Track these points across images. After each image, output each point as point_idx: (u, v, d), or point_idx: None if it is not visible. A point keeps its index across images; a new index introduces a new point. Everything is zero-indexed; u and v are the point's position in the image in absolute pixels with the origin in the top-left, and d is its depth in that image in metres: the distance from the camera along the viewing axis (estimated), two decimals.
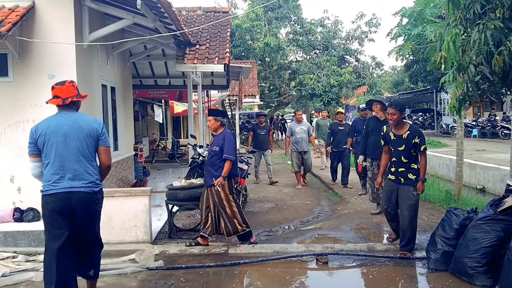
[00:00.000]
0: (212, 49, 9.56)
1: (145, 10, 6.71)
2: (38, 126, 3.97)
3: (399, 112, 5.26)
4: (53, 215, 3.81)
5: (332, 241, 6.02)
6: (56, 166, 3.84)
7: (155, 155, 16.08)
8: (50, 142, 3.86)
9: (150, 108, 19.31)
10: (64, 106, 4.01)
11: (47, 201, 3.83)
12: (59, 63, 6.97)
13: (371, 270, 4.90)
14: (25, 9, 6.78)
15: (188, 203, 6.26)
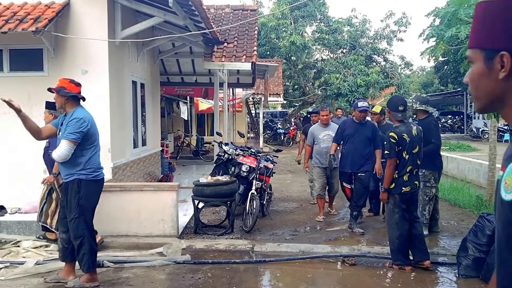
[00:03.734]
0: (239, 47, 9.69)
1: (176, 8, 6.89)
2: (87, 118, 4.42)
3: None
4: (96, 198, 4.55)
5: (358, 243, 6.05)
6: (99, 156, 4.58)
7: (180, 151, 16.33)
8: (96, 133, 4.51)
9: (175, 105, 19.60)
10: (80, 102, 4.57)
11: (97, 185, 4.54)
12: (92, 59, 7.21)
13: (399, 274, 4.92)
14: (61, 5, 7.05)
15: (214, 199, 6.40)
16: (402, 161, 4.95)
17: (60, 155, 4.29)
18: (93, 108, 7.15)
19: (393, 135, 4.92)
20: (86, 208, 4.42)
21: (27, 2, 7.19)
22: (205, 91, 16.75)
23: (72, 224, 4.41)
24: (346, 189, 6.85)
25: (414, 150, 4.98)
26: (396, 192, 4.95)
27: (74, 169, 4.37)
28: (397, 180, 4.94)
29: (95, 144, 4.50)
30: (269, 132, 25.72)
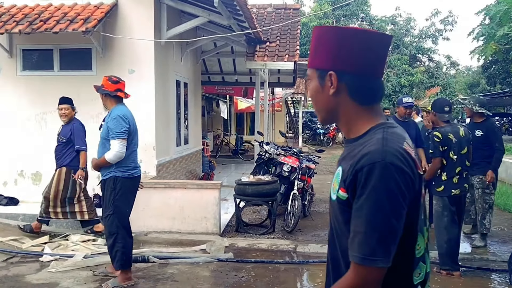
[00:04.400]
0: (282, 46, 9.70)
1: (221, 8, 6.97)
2: (126, 115, 4.50)
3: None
4: (132, 195, 4.58)
5: None
6: (136, 154, 4.63)
7: (219, 150, 16.52)
8: (136, 132, 4.57)
9: (215, 104, 19.85)
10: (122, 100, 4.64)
11: (133, 182, 4.56)
12: (139, 59, 7.42)
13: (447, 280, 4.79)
14: (109, 6, 7.28)
15: (256, 198, 6.45)
16: (450, 162, 4.81)
17: (117, 154, 4.37)
18: (139, 106, 7.37)
19: (437, 134, 4.83)
20: (121, 206, 4.46)
21: (77, 3, 7.46)
22: (245, 90, 16.86)
23: (107, 221, 4.49)
24: None
25: (462, 151, 4.84)
26: (445, 194, 4.82)
27: (111, 167, 4.42)
28: (447, 182, 4.80)
29: (132, 142, 4.54)
30: (308, 132, 25.56)
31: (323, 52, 1.35)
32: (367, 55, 1.32)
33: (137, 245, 5.71)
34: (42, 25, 6.78)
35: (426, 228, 1.36)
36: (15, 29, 6.79)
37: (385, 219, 1.19)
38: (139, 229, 6.32)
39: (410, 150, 1.28)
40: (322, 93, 1.37)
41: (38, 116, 7.58)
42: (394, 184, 1.20)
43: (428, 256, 1.37)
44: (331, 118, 1.43)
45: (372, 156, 1.23)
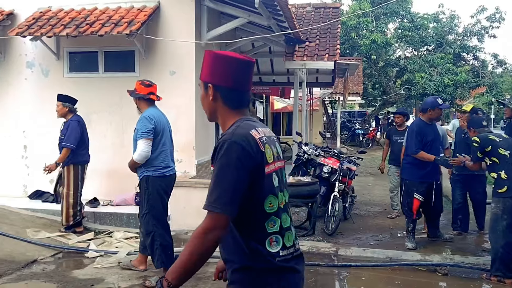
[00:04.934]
0: (322, 46, 9.67)
1: (262, 8, 7.03)
2: (153, 115, 4.66)
3: None
4: (165, 194, 4.71)
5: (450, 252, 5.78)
6: (168, 153, 4.75)
7: None
8: (164, 132, 4.69)
9: (251, 104, 19.95)
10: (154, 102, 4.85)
11: (165, 181, 4.68)
12: (180, 60, 7.59)
13: None
14: (152, 9, 7.49)
15: (295, 200, 6.45)
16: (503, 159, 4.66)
17: (141, 154, 4.53)
18: (180, 107, 7.57)
19: (476, 139, 4.84)
20: (155, 205, 4.59)
21: (121, 6, 7.71)
22: (282, 90, 16.87)
23: (143, 220, 4.65)
24: (416, 202, 5.84)
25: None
26: (509, 195, 4.62)
27: (144, 166, 4.59)
28: (510, 182, 4.61)
29: (161, 142, 4.64)
30: (346, 132, 25.31)
31: (206, 69, 1.87)
32: (234, 74, 1.83)
33: (177, 243, 5.85)
34: (88, 28, 7.04)
35: (283, 193, 1.85)
36: (62, 32, 7.10)
37: (226, 179, 1.66)
38: (180, 228, 6.48)
39: (256, 135, 1.77)
40: (206, 99, 1.89)
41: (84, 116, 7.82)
42: (235, 155, 1.67)
43: (287, 214, 1.84)
44: (214, 117, 1.93)
45: (224, 137, 1.75)
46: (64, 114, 6.29)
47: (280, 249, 1.75)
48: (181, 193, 6.59)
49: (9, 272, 4.88)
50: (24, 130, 8.07)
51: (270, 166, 1.78)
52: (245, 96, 1.90)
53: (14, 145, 8.01)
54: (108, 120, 7.82)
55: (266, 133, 1.85)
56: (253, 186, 1.70)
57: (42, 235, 6.10)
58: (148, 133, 4.52)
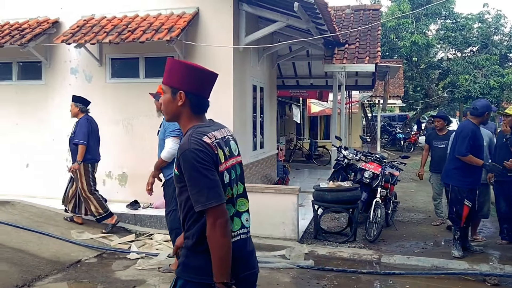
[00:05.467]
0: (362, 48, 9.57)
1: (301, 12, 7.03)
2: None
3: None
4: None
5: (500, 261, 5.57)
6: None
7: (292, 155, 16.57)
8: None
9: (287, 107, 19.92)
10: None
11: None
12: (218, 65, 7.65)
13: None
14: (191, 15, 7.62)
15: (335, 205, 6.41)
16: None
17: (170, 151, 4.69)
18: (218, 111, 7.60)
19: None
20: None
21: (161, 13, 7.89)
22: (320, 93, 16.79)
23: (169, 217, 4.80)
24: (465, 209, 5.61)
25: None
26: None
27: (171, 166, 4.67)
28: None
29: None
30: (386, 136, 24.86)
31: (175, 77, 2.11)
32: (200, 83, 2.11)
33: None
34: (130, 35, 7.25)
35: (231, 187, 2.08)
36: (105, 40, 7.33)
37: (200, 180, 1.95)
38: None
39: (207, 140, 2.03)
40: (173, 103, 2.12)
41: (125, 120, 8.09)
42: (195, 160, 1.96)
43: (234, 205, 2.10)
44: (174, 120, 2.18)
45: (182, 147, 2.01)
46: (75, 113, 6.55)
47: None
48: None
49: (55, 272, 5.06)
50: (68, 134, 8.36)
51: (222, 165, 2.05)
52: (206, 103, 2.19)
53: (59, 148, 8.30)
54: (148, 124, 7.99)
55: (218, 136, 2.09)
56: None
57: (85, 236, 6.30)
58: (177, 131, 4.68)
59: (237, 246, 2.05)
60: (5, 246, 5.45)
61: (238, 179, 2.16)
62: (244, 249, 2.11)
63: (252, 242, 2.22)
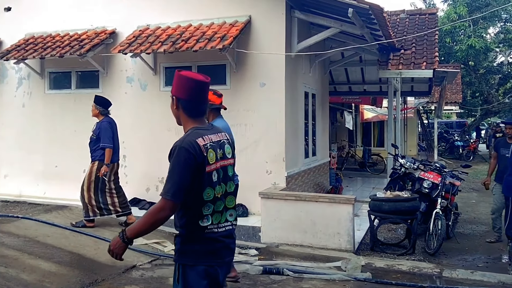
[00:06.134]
0: (418, 53, 9.30)
1: (355, 17, 6.91)
2: (225, 127, 4.70)
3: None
4: None
5: None
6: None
7: (345, 162, 16.30)
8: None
9: (339, 114, 19.65)
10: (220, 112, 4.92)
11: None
12: (270, 72, 7.70)
13: None
14: (243, 23, 7.69)
15: (393, 216, 6.22)
16: None
17: None
18: (269, 118, 7.66)
19: None
20: None
21: (213, 22, 8.01)
22: (373, 99, 16.46)
23: None
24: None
25: None
26: None
27: None
28: None
29: None
30: (443, 144, 23.94)
31: (173, 85, 2.49)
32: (191, 90, 2.42)
33: (269, 256, 5.89)
34: (184, 45, 7.41)
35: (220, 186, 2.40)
36: (160, 49, 7.53)
37: (175, 175, 2.28)
38: (271, 240, 6.51)
39: (201, 142, 2.34)
40: (172, 107, 2.50)
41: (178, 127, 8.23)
42: (182, 157, 2.28)
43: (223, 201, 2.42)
44: (179, 122, 2.52)
45: (176, 143, 2.35)
46: (95, 114, 6.72)
47: (209, 224, 2.36)
48: (271, 205, 6.64)
49: (111, 277, 5.19)
50: (124, 141, 8.63)
51: (211, 166, 2.35)
52: (200, 107, 2.48)
53: None
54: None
55: (213, 139, 2.42)
56: (195, 180, 2.31)
57: (140, 242, 6.43)
58: None
59: (224, 234, 2.42)
60: (64, 250, 5.67)
61: (229, 179, 2.48)
62: (229, 238, 2.47)
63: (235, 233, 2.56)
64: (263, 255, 5.93)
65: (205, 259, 2.35)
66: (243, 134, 7.84)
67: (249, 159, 7.77)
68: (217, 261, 2.38)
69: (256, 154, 7.76)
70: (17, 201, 8.31)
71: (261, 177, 7.62)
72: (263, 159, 7.69)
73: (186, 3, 8.28)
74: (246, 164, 7.76)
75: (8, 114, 9.61)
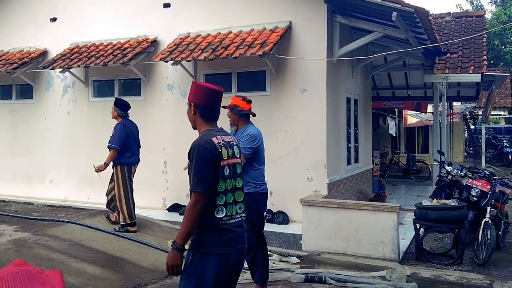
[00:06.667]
0: (465, 57, 9.10)
1: (399, 21, 6.85)
2: (258, 134, 4.80)
3: None
4: (264, 210, 4.90)
5: None
6: (264, 170, 4.88)
7: (388, 169, 16.04)
8: (263, 151, 4.89)
9: (381, 120, 19.37)
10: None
11: (264, 197, 4.85)
12: (311, 78, 7.74)
13: None
14: (283, 29, 7.76)
15: (440, 225, 6.11)
16: None
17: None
18: (311, 124, 7.68)
19: None
20: (256, 221, 4.71)
21: (253, 28, 8.12)
22: (417, 104, 16.16)
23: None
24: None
25: None
26: None
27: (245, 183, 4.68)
28: None
29: (262, 160, 4.84)
30: (491, 150, 23.15)
31: (190, 93, 2.84)
32: (206, 98, 2.79)
33: (311, 264, 5.89)
34: (224, 52, 7.55)
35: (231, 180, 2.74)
36: (200, 56, 7.71)
37: (198, 169, 2.61)
38: (312, 248, 6.51)
39: (215, 140, 2.68)
40: (190, 114, 2.84)
41: None
42: (202, 153, 2.62)
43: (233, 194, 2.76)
44: (194, 126, 2.87)
45: (194, 142, 2.68)
46: (114, 116, 6.85)
47: (224, 216, 2.68)
48: (313, 213, 6.64)
49: (153, 281, 5.32)
50: (165, 147, 8.87)
51: (224, 161, 2.69)
52: (213, 112, 2.84)
53: (156, 161, 8.82)
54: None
55: (225, 139, 2.77)
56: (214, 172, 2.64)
57: None
58: (249, 152, 4.66)
59: (235, 225, 2.73)
60: (108, 254, 5.86)
61: (237, 175, 2.82)
62: (241, 228, 2.78)
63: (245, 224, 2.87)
64: (305, 263, 5.94)
65: (218, 248, 2.64)
66: (283, 140, 7.90)
67: (289, 165, 7.82)
68: (230, 249, 2.68)
69: (297, 160, 7.79)
70: (62, 205, 8.65)
71: (302, 184, 7.65)
72: (304, 166, 7.72)
73: (226, 11, 8.44)
74: (286, 171, 7.82)
75: (53, 121, 10.07)
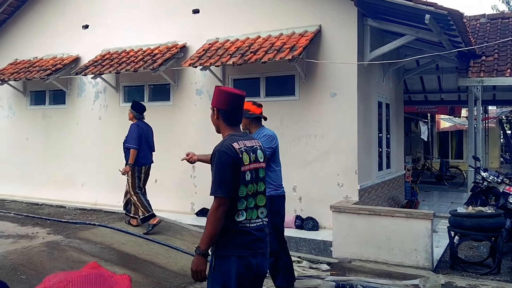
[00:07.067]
0: (501, 59, 8.91)
1: (432, 24, 6.77)
2: (274, 135, 4.87)
3: None
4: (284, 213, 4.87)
5: None
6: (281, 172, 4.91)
7: (420, 175, 15.79)
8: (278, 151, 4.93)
9: (413, 124, 19.10)
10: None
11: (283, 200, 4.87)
12: (341, 82, 7.72)
13: None
14: (313, 33, 7.78)
15: (475, 233, 5.98)
16: None
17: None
18: (341, 129, 7.66)
19: None
20: (278, 224, 4.73)
21: (282, 33, 8.16)
22: (451, 108, 15.89)
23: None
24: None
25: None
26: None
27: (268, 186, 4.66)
28: None
29: (279, 161, 4.87)
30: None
31: (213, 98, 2.89)
32: (229, 102, 2.83)
33: (342, 272, 5.87)
34: (252, 56, 7.61)
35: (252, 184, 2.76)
36: (229, 61, 7.80)
37: (219, 174, 2.66)
38: (343, 255, 6.48)
39: (236, 145, 2.71)
40: (214, 118, 2.89)
41: None
42: (222, 159, 2.66)
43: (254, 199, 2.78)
44: (218, 130, 2.92)
45: (216, 147, 2.74)
46: (130, 118, 6.98)
47: (244, 219, 2.72)
48: (344, 219, 6.61)
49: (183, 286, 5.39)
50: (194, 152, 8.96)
51: (245, 166, 2.73)
52: (236, 117, 2.89)
53: (184, 165, 8.90)
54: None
55: (247, 144, 2.81)
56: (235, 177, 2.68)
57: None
58: (269, 152, 4.71)
59: (255, 228, 2.76)
60: (138, 258, 5.98)
61: (260, 179, 2.85)
62: (261, 232, 2.81)
63: (267, 228, 2.88)
64: (335, 271, 5.92)
65: (238, 250, 2.70)
66: (312, 145, 7.90)
67: (318, 171, 7.81)
68: (250, 252, 2.73)
69: (327, 166, 7.77)
70: (93, 209, 8.85)
71: (332, 190, 7.63)
72: (334, 171, 7.69)
73: (255, 16, 8.51)
74: (316, 176, 7.81)
75: (85, 126, 10.35)
